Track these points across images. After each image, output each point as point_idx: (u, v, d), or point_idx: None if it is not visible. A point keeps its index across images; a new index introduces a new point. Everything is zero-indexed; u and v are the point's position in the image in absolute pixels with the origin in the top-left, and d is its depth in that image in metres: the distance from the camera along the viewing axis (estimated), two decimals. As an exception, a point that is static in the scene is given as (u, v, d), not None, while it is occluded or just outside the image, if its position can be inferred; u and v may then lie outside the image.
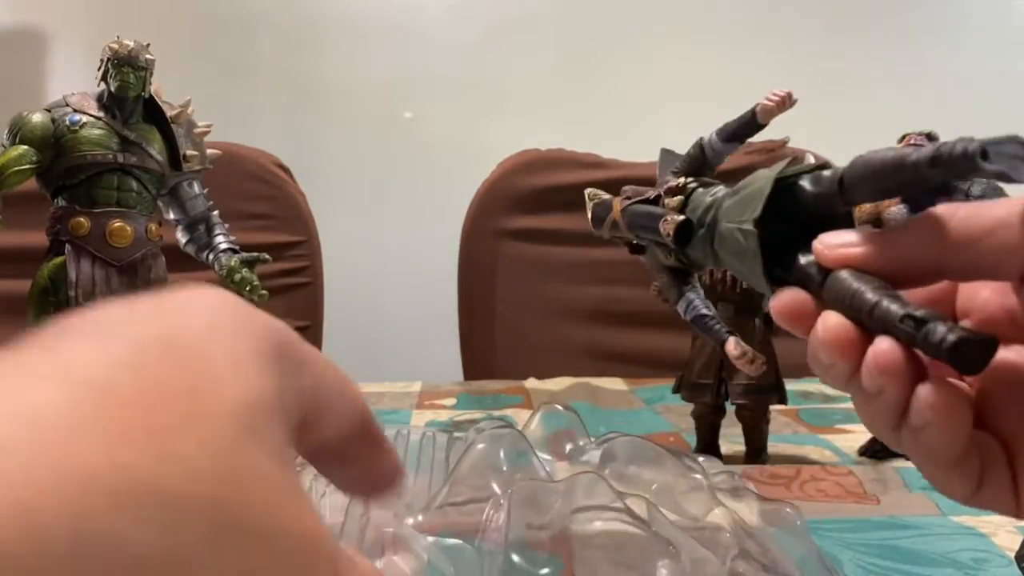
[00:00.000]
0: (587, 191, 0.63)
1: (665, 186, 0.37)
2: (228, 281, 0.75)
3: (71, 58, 1.71)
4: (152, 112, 0.74)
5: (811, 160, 0.38)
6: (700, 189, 0.35)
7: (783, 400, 0.73)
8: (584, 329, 1.34)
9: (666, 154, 0.80)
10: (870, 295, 0.24)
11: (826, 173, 0.27)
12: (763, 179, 0.29)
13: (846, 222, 0.28)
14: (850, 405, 0.29)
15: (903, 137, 0.79)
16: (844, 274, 0.25)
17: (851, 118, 1.59)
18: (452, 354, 1.35)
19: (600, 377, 1.20)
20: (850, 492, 0.67)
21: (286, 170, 1.38)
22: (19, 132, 0.69)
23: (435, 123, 1.74)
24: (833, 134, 1.33)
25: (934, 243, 0.24)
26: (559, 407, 0.60)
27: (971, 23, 1.79)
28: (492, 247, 1.35)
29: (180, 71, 0.86)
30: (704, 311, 0.64)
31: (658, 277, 0.65)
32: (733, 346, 0.62)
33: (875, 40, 1.76)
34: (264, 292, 0.74)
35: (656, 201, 0.38)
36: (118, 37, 0.71)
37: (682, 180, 0.37)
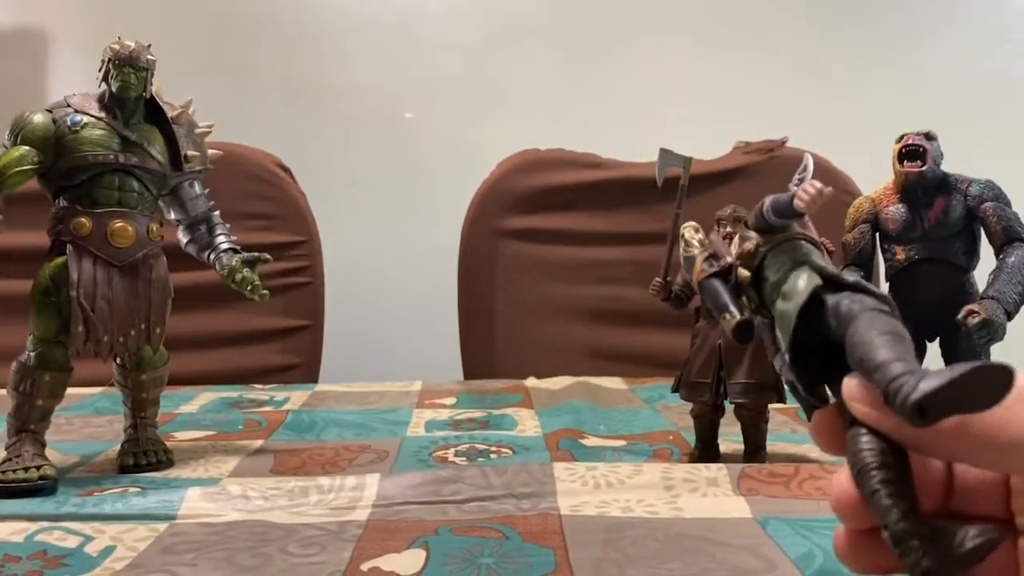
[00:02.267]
0: (684, 228, 0.62)
1: (739, 250, 0.35)
2: (229, 281, 0.75)
3: (72, 59, 1.71)
4: (153, 112, 0.74)
5: (809, 163, 0.37)
6: (771, 255, 0.34)
7: (782, 399, 0.73)
8: (584, 329, 1.34)
9: (664, 154, 0.80)
10: (874, 480, 0.25)
11: (844, 308, 0.28)
12: (791, 308, 0.30)
13: None
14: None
15: (901, 137, 0.79)
16: (864, 438, 0.26)
17: (850, 118, 1.59)
18: (452, 354, 1.35)
19: (600, 376, 1.20)
20: (849, 491, 0.67)
21: (287, 170, 1.38)
22: (20, 133, 0.69)
23: (435, 123, 1.74)
24: (832, 134, 1.33)
25: (952, 443, 0.25)
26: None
27: (971, 23, 1.79)
28: (492, 247, 1.35)
29: (181, 71, 0.86)
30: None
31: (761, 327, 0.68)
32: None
33: (874, 40, 1.76)
34: (265, 292, 0.74)
35: (729, 271, 0.37)
36: (119, 38, 0.71)
37: (752, 244, 0.35)
